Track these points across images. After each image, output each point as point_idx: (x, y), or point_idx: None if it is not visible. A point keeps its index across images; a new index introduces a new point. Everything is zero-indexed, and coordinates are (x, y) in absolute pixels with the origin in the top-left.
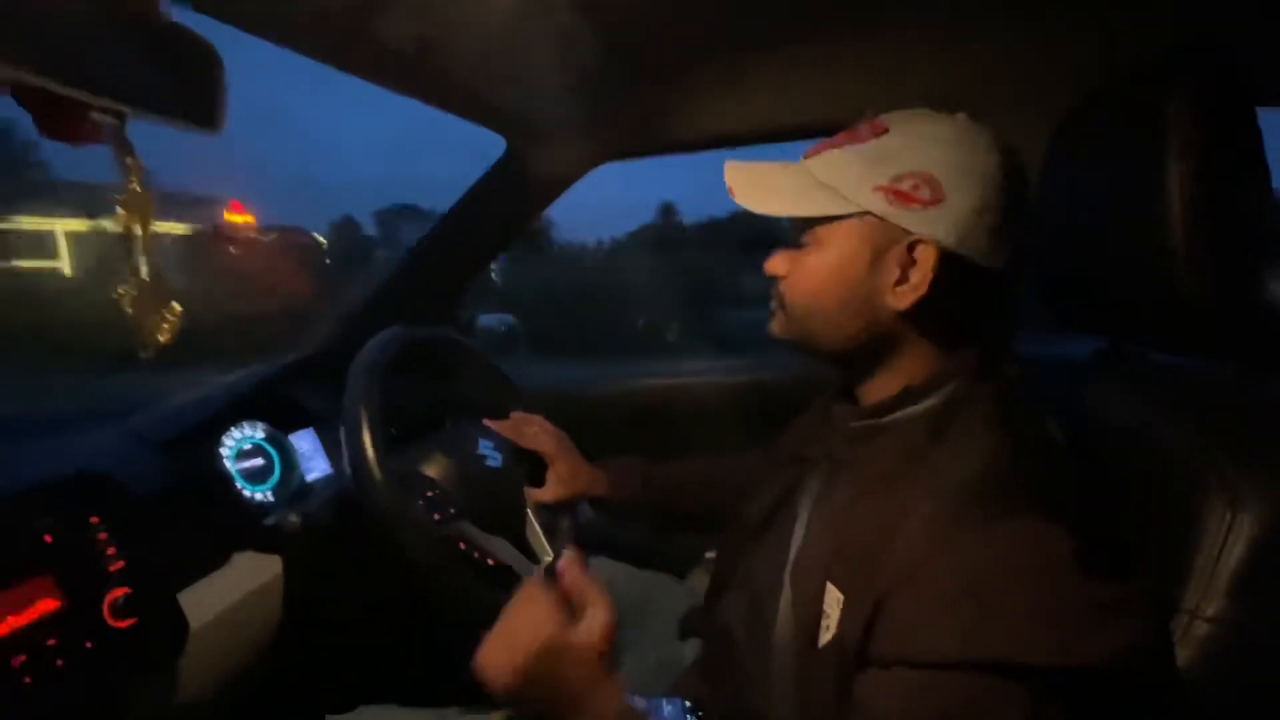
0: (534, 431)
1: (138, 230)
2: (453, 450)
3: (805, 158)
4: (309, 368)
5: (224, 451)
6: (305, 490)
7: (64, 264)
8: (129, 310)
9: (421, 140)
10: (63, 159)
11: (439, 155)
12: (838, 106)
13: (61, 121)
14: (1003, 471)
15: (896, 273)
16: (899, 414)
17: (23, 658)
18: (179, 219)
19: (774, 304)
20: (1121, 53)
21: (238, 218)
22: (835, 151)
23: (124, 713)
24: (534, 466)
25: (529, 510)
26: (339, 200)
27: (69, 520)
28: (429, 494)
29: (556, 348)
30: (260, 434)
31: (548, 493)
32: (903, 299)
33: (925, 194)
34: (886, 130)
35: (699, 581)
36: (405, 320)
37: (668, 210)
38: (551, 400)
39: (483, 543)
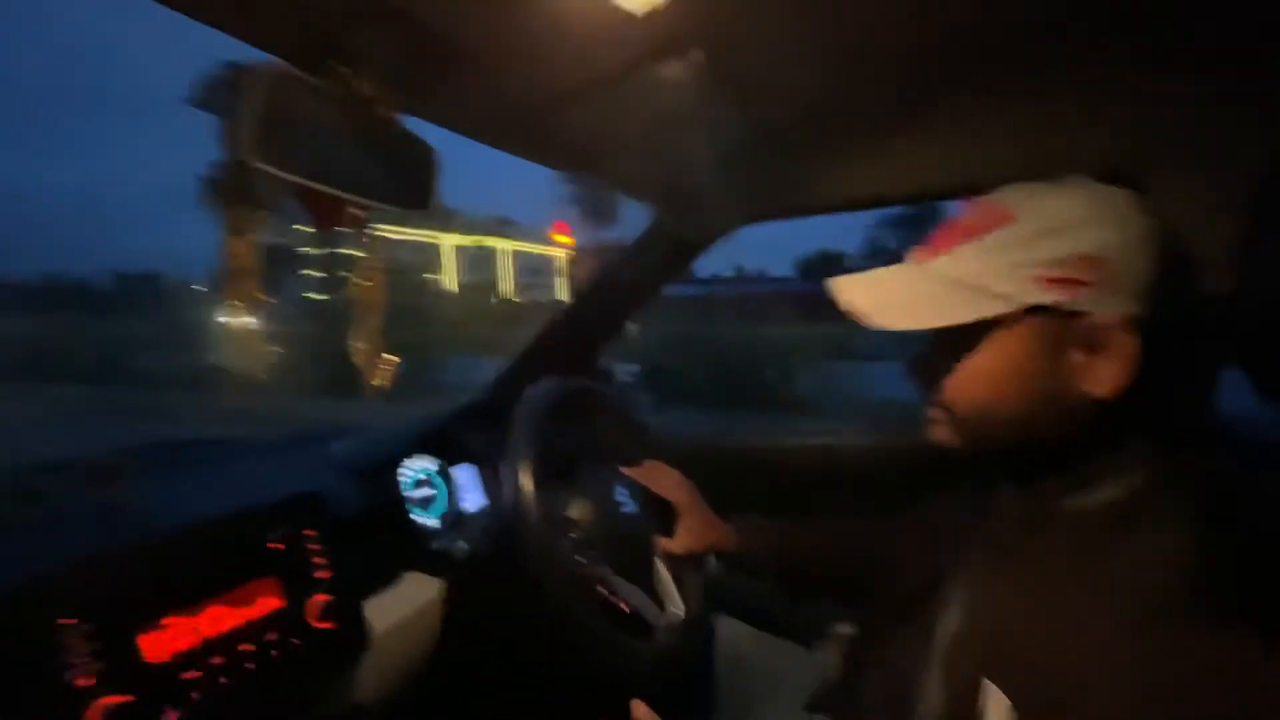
0: (666, 481)
1: (371, 295)
2: (593, 494)
3: (918, 259)
4: (473, 410)
5: (402, 480)
6: (463, 520)
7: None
8: (358, 361)
9: None
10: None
11: None
12: (988, 168)
13: (324, 213)
14: (1201, 580)
15: (1083, 360)
16: (1075, 501)
17: (250, 647)
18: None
19: (934, 412)
20: None
21: (563, 238)
22: (964, 247)
23: (315, 707)
24: (665, 516)
25: (658, 560)
26: None
27: (291, 533)
28: (573, 535)
29: (682, 397)
30: (432, 466)
31: (678, 544)
32: (1102, 385)
33: (1092, 273)
34: (1013, 216)
35: (830, 655)
36: (555, 370)
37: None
38: (684, 452)
39: (618, 587)
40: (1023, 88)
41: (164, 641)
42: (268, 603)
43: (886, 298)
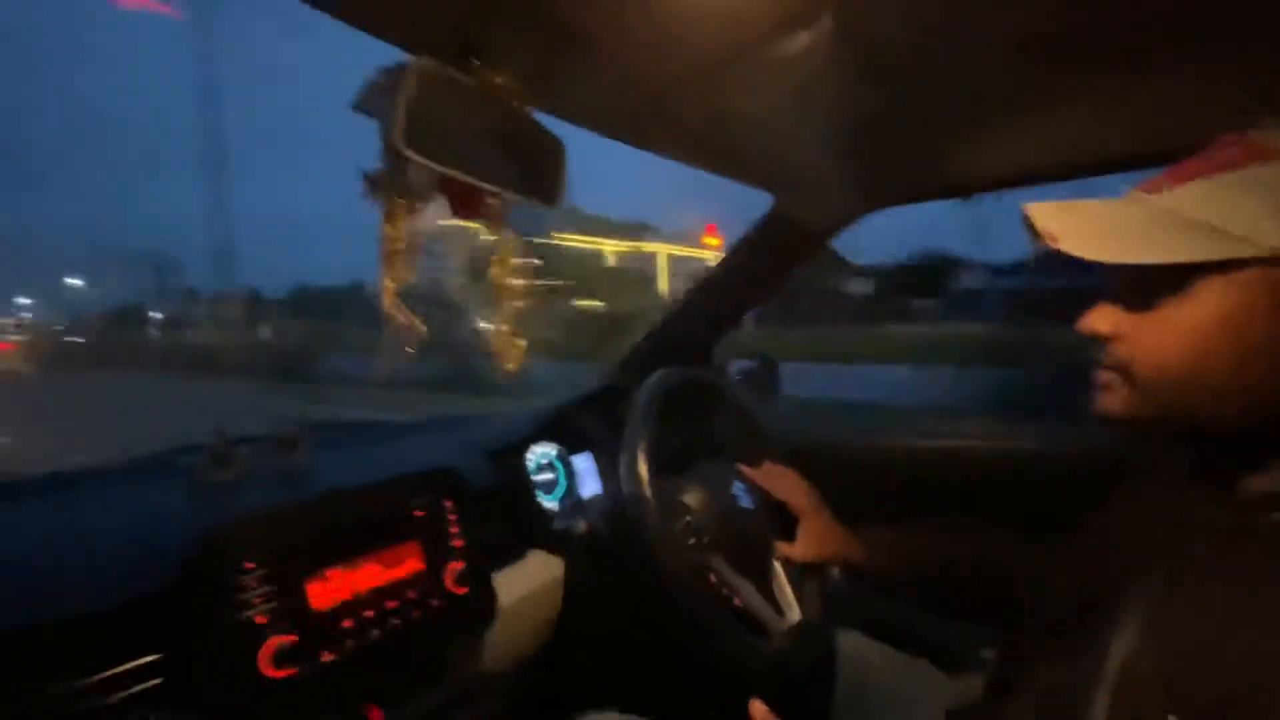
0: (786, 484)
1: (505, 282)
2: (709, 486)
3: (1145, 192)
4: (593, 399)
5: (528, 464)
6: (580, 505)
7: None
8: (493, 345)
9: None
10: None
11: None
12: (1144, 136)
13: (466, 204)
14: None
15: None
16: None
17: (394, 603)
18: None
19: (1105, 374)
20: None
21: (713, 240)
22: (1203, 182)
23: (448, 668)
24: (784, 519)
25: (777, 563)
26: None
27: (432, 501)
28: (686, 520)
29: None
30: (554, 452)
31: (797, 550)
32: None
33: None
34: (1276, 152)
35: (969, 677)
36: (673, 362)
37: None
38: (808, 452)
39: (731, 580)
40: (1188, 55)
41: (326, 591)
42: (412, 564)
43: (1089, 224)
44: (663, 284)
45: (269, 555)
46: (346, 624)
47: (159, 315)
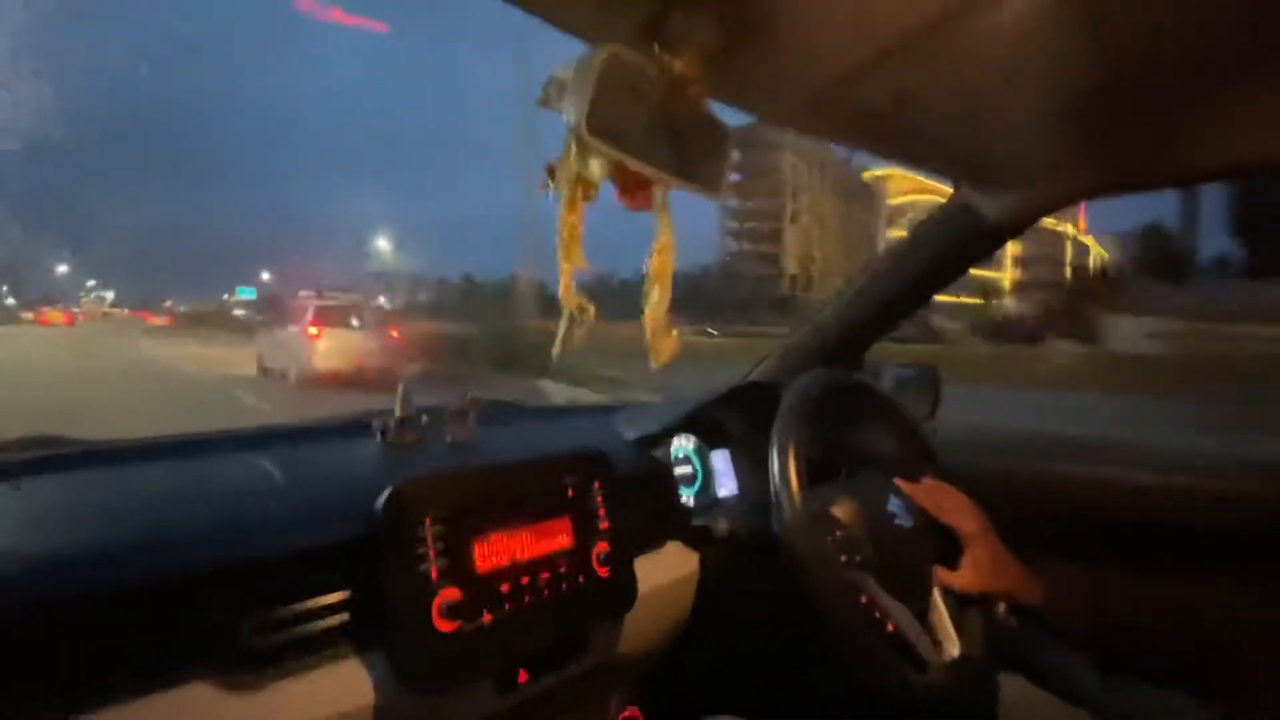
0: (952, 505)
1: (662, 271)
2: (862, 499)
3: None
4: (736, 396)
5: (670, 455)
6: (717, 502)
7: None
8: (648, 336)
9: None
10: None
11: None
12: None
13: (634, 192)
14: None
15: None
16: None
17: (546, 575)
18: None
19: None
20: None
21: None
22: None
23: (587, 645)
24: (947, 543)
25: (936, 591)
26: None
27: (583, 481)
28: (836, 534)
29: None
30: (692, 446)
31: (960, 579)
32: None
33: None
34: None
35: None
36: (824, 362)
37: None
38: (972, 475)
39: (884, 603)
40: None
41: (491, 554)
42: (563, 540)
43: None
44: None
45: (444, 513)
46: (504, 588)
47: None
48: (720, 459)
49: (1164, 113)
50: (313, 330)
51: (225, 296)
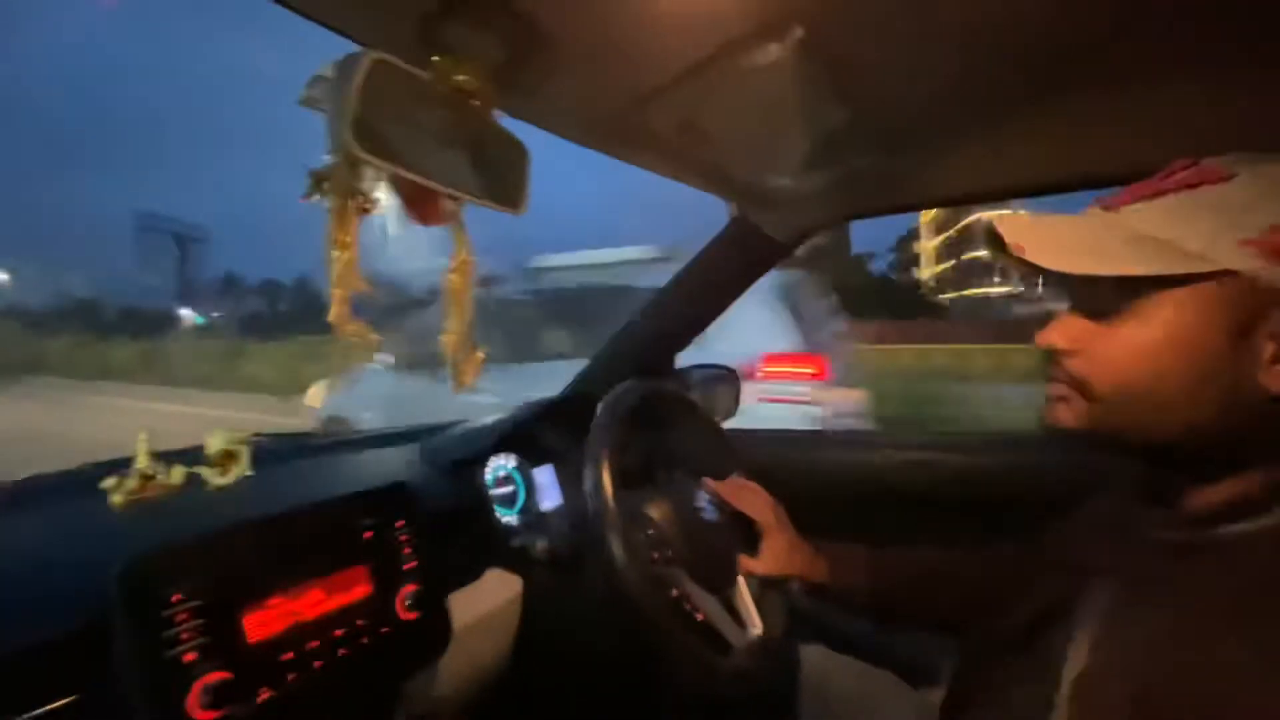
0: (751, 499)
1: (462, 289)
2: (673, 499)
3: (1104, 208)
4: (555, 409)
5: (486, 477)
6: (541, 519)
7: None
8: (449, 353)
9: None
10: None
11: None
12: (1105, 161)
13: (422, 206)
14: None
15: (1272, 347)
16: (1240, 527)
17: (340, 632)
18: None
19: (1060, 388)
20: None
21: None
22: (1159, 201)
23: (399, 697)
24: (749, 533)
25: (740, 578)
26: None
27: (383, 521)
28: (649, 532)
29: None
30: (512, 464)
31: (760, 565)
32: None
33: None
34: (1231, 176)
35: (932, 690)
36: (635, 371)
37: None
38: (773, 466)
39: (693, 595)
40: (1158, 75)
41: (266, 622)
42: (359, 590)
43: (1051, 236)
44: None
45: (200, 585)
46: (286, 657)
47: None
48: (545, 474)
49: (902, 148)
50: None
51: None
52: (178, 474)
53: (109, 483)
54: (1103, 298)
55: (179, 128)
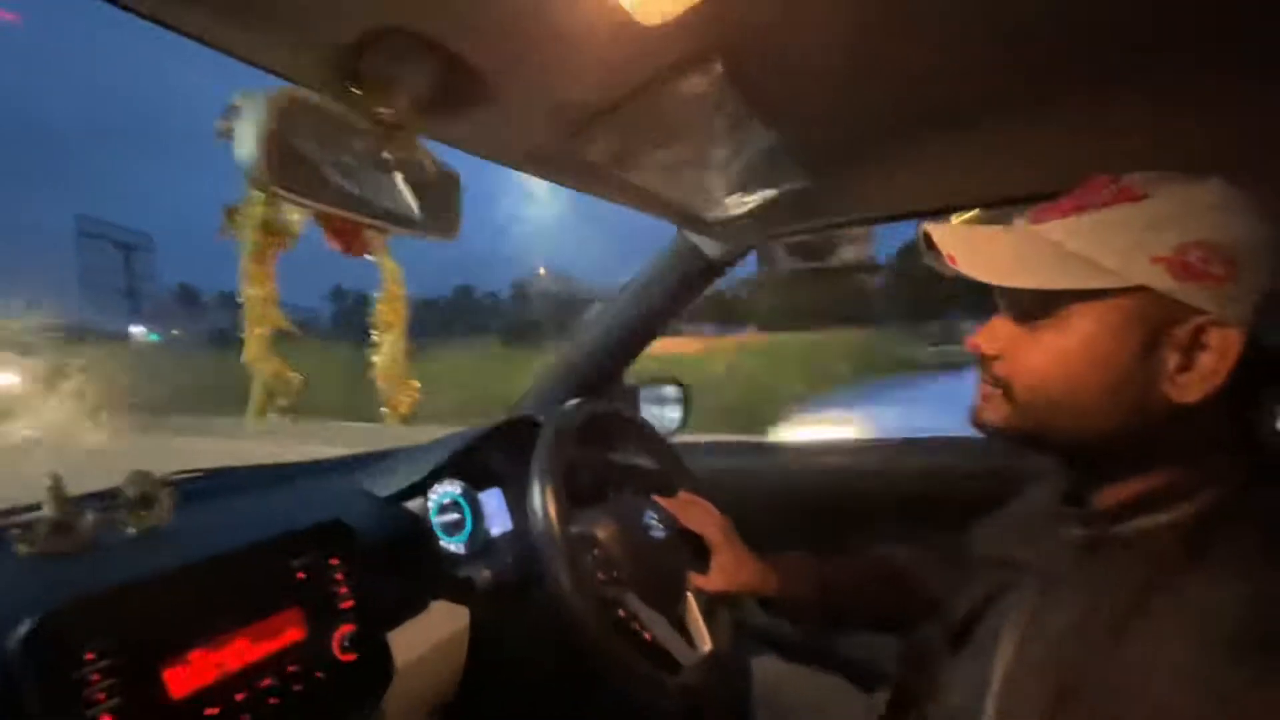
0: (699, 516)
1: (393, 319)
2: (620, 517)
3: (1030, 222)
4: (501, 432)
5: (430, 506)
6: (489, 545)
7: None
8: (380, 384)
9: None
10: None
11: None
12: (1018, 181)
13: (346, 238)
14: None
15: (1178, 358)
16: (1139, 523)
17: (271, 681)
18: None
19: (987, 388)
20: None
21: None
22: (1080, 217)
23: None
24: (698, 550)
25: (689, 594)
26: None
27: (316, 561)
28: (596, 552)
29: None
30: (458, 490)
31: (710, 582)
32: (1190, 390)
33: (1218, 268)
34: (1146, 195)
35: (882, 692)
36: (581, 391)
37: None
38: (721, 479)
39: (642, 615)
40: (1053, 100)
41: (188, 676)
42: (291, 634)
43: (982, 248)
44: None
45: (116, 641)
46: (212, 711)
47: None
48: (493, 498)
49: (822, 169)
50: None
51: None
52: (91, 520)
53: (14, 531)
54: (1027, 307)
55: (117, 138)
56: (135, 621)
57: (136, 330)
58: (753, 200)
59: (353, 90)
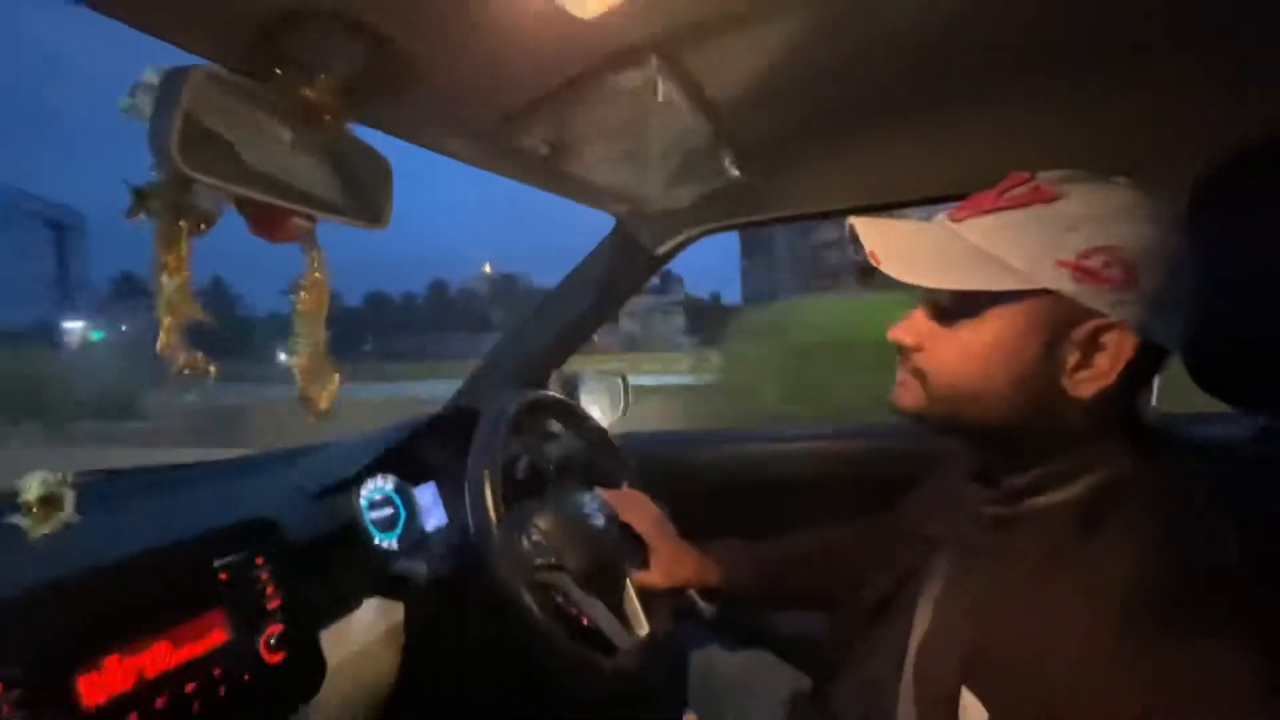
0: (636, 511)
1: (314, 309)
2: (560, 506)
3: (950, 219)
4: (435, 425)
5: (362, 501)
6: (424, 539)
7: None
8: (299, 379)
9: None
10: None
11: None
12: (946, 177)
13: (268, 224)
14: (1175, 577)
15: (1076, 356)
16: (1040, 500)
17: (193, 685)
18: None
19: (905, 376)
20: (1258, 108)
21: None
22: (995, 216)
23: None
24: (638, 541)
25: (629, 583)
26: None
27: (240, 560)
28: (535, 539)
29: None
30: (390, 485)
31: (649, 578)
32: (1085, 386)
33: (1117, 273)
34: (1058, 196)
35: (805, 665)
36: (518, 383)
37: None
38: (658, 469)
39: (579, 599)
40: (993, 96)
41: (102, 684)
42: (215, 636)
43: (903, 246)
44: None
45: (21, 653)
46: (131, 718)
47: None
48: (427, 492)
49: (761, 165)
50: None
51: None
52: None
53: None
54: (945, 304)
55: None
56: (41, 631)
57: (73, 326)
58: (690, 193)
59: (275, 71)
